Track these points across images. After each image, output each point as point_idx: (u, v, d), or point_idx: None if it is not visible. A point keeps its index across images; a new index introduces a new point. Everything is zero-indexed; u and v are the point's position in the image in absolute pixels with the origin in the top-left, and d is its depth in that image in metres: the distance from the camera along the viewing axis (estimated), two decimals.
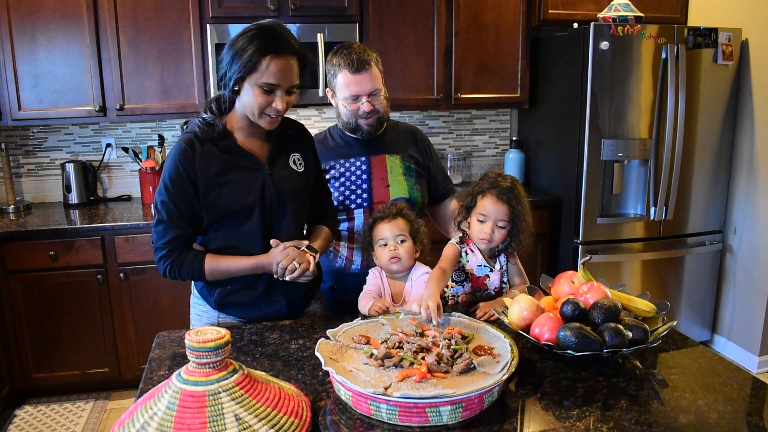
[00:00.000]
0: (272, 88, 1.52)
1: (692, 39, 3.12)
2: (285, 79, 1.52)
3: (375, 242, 1.77)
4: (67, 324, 2.94)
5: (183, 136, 1.61)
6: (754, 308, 3.31)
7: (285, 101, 1.54)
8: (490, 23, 3.38)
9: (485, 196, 1.73)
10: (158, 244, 1.60)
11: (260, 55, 1.48)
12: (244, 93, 1.54)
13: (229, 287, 1.67)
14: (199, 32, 3.07)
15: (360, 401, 1.16)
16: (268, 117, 1.56)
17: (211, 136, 1.58)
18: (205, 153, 1.57)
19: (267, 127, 1.60)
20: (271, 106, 1.54)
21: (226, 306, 1.70)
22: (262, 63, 1.49)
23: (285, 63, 1.51)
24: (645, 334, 1.36)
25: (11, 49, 2.94)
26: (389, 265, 1.75)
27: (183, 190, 1.56)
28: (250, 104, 1.54)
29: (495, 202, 1.71)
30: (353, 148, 1.96)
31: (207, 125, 1.58)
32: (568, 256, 3.31)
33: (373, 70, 1.84)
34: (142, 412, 1.04)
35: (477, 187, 1.77)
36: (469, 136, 3.90)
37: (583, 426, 1.13)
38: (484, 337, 1.37)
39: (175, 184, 1.56)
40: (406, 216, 1.78)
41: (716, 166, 3.34)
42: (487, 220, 1.72)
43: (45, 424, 2.80)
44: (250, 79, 1.51)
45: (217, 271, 1.61)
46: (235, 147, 1.61)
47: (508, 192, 1.71)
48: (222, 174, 1.58)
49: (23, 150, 3.39)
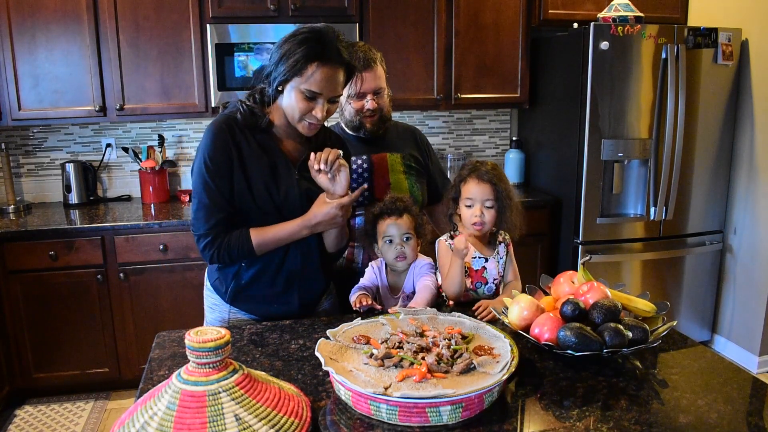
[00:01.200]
0: (314, 96, 1.49)
1: (692, 39, 3.12)
2: (329, 88, 1.49)
3: (379, 236, 1.78)
4: (67, 324, 2.94)
5: (221, 115, 1.57)
6: (754, 308, 3.31)
7: (325, 110, 1.52)
8: (490, 23, 3.38)
9: (467, 181, 1.77)
10: (202, 231, 1.55)
11: (307, 60, 1.46)
12: (287, 95, 1.52)
13: (244, 282, 1.66)
14: (199, 32, 3.07)
15: (360, 401, 1.16)
16: (306, 123, 1.54)
17: (252, 124, 1.56)
18: (242, 138, 1.55)
19: (305, 133, 1.57)
20: (311, 114, 1.51)
21: (239, 300, 1.69)
22: (308, 69, 1.46)
23: (331, 72, 1.48)
24: (645, 334, 1.36)
25: (11, 49, 2.94)
26: (395, 263, 1.77)
27: (223, 166, 1.52)
28: (290, 108, 1.52)
29: (478, 184, 1.75)
30: (355, 147, 1.96)
31: (251, 112, 1.56)
32: (568, 256, 3.31)
33: (377, 69, 1.86)
34: (142, 412, 1.04)
35: (458, 176, 1.82)
36: (469, 136, 3.90)
37: (583, 426, 1.13)
38: (484, 337, 1.37)
39: (215, 161, 1.52)
40: (412, 212, 1.79)
41: (716, 166, 3.34)
42: (474, 203, 1.75)
43: (45, 424, 2.80)
44: (294, 83, 1.49)
45: (265, 241, 1.56)
46: (271, 144, 1.59)
47: (488, 172, 1.76)
48: (254, 168, 1.55)
49: (23, 150, 3.40)
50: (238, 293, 1.68)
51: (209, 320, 1.77)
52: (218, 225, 1.55)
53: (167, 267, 2.96)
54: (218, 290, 1.72)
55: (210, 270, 1.76)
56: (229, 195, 1.55)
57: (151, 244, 2.93)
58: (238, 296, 1.68)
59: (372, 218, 1.80)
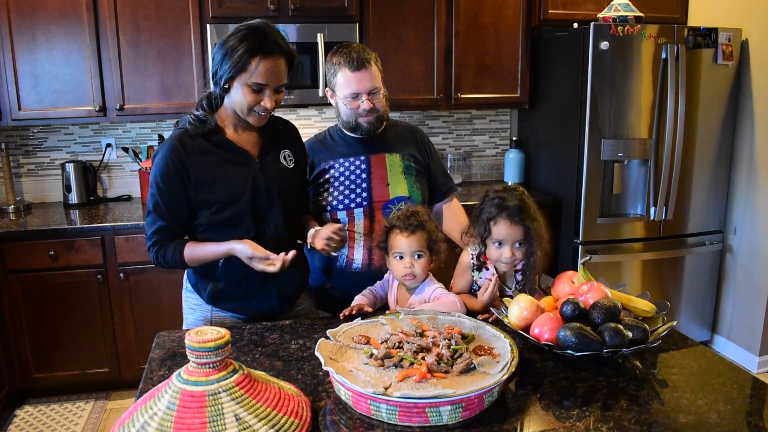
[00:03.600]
0: (261, 88, 1.57)
1: (692, 39, 3.12)
2: (273, 78, 1.57)
3: (390, 251, 1.72)
4: (67, 324, 2.94)
5: (173, 133, 1.64)
6: (754, 308, 3.31)
7: (273, 99, 1.59)
8: (490, 23, 3.38)
9: (497, 222, 1.66)
10: (148, 234, 1.66)
11: (249, 56, 1.53)
12: (234, 91, 1.59)
13: (222, 283, 1.70)
14: (199, 32, 3.07)
15: (360, 401, 1.16)
16: (256, 114, 1.62)
17: (202, 131, 1.63)
18: (197, 149, 1.61)
19: (256, 124, 1.65)
20: (260, 105, 1.59)
21: (219, 300, 1.74)
22: (252, 64, 1.54)
23: (273, 63, 1.56)
24: (645, 334, 1.36)
25: (11, 49, 2.94)
26: (403, 279, 1.72)
27: (171, 187, 1.61)
28: (239, 102, 1.59)
29: (509, 226, 1.65)
30: (352, 148, 1.96)
31: (199, 121, 1.63)
32: (568, 256, 3.31)
33: (372, 69, 1.85)
34: (142, 412, 1.04)
35: (486, 213, 1.69)
36: (469, 136, 3.90)
37: (583, 426, 1.13)
38: (484, 337, 1.37)
39: (165, 181, 1.60)
40: (426, 228, 1.70)
41: (716, 166, 3.34)
42: (504, 243, 1.67)
43: (45, 424, 2.80)
44: (240, 79, 1.56)
45: (195, 256, 1.64)
46: (226, 142, 1.66)
47: (518, 212, 1.65)
48: (215, 168, 1.62)
49: (23, 150, 3.39)
50: (218, 293, 1.73)
51: (190, 321, 1.81)
52: (161, 231, 1.64)
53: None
54: (199, 292, 1.77)
55: (188, 273, 1.81)
56: (176, 212, 1.64)
57: None
58: (218, 295, 1.73)
59: (385, 229, 1.75)
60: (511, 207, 1.65)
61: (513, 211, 1.65)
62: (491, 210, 1.68)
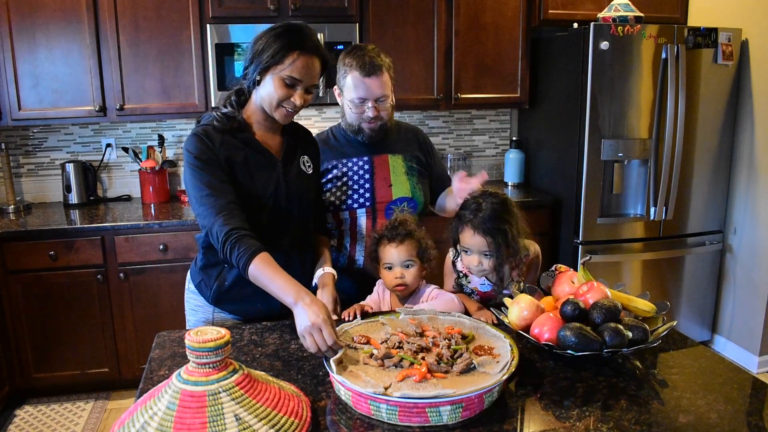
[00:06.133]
0: (294, 83, 1.56)
1: (692, 39, 3.12)
2: (307, 76, 1.56)
3: (381, 262, 1.71)
4: (67, 324, 2.94)
5: (197, 128, 1.60)
6: (754, 308, 3.31)
7: (303, 98, 1.58)
8: (490, 23, 3.38)
9: (463, 229, 1.66)
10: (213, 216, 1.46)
11: (288, 49, 1.53)
12: (265, 84, 1.57)
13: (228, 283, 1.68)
14: (199, 32, 3.07)
15: (360, 401, 1.16)
16: (284, 110, 1.59)
17: (230, 127, 1.60)
18: (224, 143, 1.58)
19: (281, 120, 1.62)
20: (290, 100, 1.57)
21: (223, 301, 1.72)
22: (289, 57, 1.53)
23: (310, 61, 1.55)
24: (645, 334, 1.36)
25: (11, 49, 2.94)
26: (394, 290, 1.70)
27: (212, 162, 1.54)
28: (269, 95, 1.57)
29: (473, 236, 1.63)
30: (355, 148, 1.96)
31: (226, 117, 1.60)
32: (568, 256, 3.31)
33: (384, 76, 1.82)
34: (142, 412, 1.04)
35: (455, 218, 1.70)
36: (469, 136, 3.90)
37: (583, 426, 1.13)
38: (484, 337, 1.37)
39: (204, 159, 1.53)
40: (415, 236, 1.69)
41: (716, 166, 3.34)
42: (471, 252, 1.66)
43: (45, 424, 2.80)
44: (274, 71, 1.54)
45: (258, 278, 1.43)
46: (253, 140, 1.64)
47: (485, 223, 1.60)
48: (241, 166, 1.59)
49: (23, 150, 3.39)
50: (222, 294, 1.70)
51: (192, 322, 1.79)
52: (229, 205, 1.48)
53: (167, 267, 2.96)
54: (202, 292, 1.74)
55: (193, 272, 1.78)
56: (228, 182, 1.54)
57: (151, 244, 2.93)
58: (222, 297, 1.71)
59: (374, 240, 1.74)
60: (478, 217, 1.62)
61: (478, 221, 1.61)
62: (463, 214, 1.67)
